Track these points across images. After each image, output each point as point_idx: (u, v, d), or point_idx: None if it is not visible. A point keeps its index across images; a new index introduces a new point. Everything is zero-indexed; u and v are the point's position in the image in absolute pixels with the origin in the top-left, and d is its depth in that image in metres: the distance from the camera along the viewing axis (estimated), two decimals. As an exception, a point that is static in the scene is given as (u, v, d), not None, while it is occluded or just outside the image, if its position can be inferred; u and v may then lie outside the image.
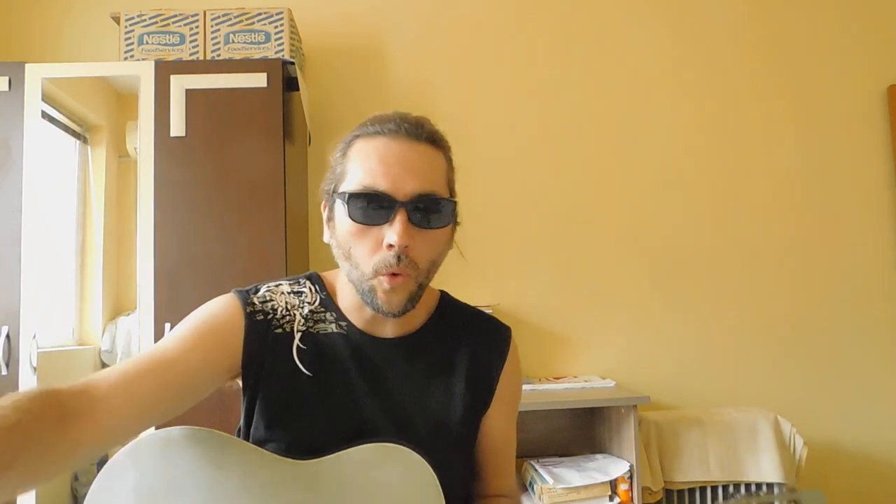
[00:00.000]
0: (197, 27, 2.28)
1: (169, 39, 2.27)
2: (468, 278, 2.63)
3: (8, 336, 2.03)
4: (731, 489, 2.31)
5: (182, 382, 0.85)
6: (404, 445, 0.88)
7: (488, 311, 2.40)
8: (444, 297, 1.08)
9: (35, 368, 2.03)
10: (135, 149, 2.19)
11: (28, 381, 2.03)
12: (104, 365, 2.24)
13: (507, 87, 2.73)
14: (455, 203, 0.93)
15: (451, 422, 0.98)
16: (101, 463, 0.86)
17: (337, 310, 0.99)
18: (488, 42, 2.75)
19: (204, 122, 2.14)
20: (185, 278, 2.08)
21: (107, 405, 0.77)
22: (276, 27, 2.28)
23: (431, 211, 0.89)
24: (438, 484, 0.88)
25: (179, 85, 2.14)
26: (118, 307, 2.29)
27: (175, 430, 0.87)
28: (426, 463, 0.89)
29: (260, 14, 2.29)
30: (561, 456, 2.34)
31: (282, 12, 2.30)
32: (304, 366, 0.94)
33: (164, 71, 2.15)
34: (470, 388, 1.01)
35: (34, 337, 2.04)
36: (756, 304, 2.71)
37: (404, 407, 0.96)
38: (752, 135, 2.78)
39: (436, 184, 0.91)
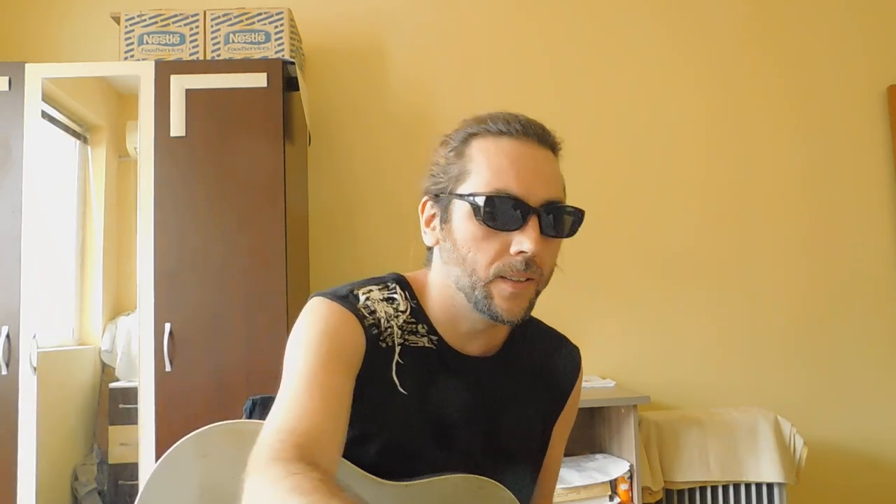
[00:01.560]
0: (197, 27, 2.27)
1: (169, 39, 2.27)
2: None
3: (8, 336, 2.03)
4: (731, 489, 2.31)
5: (345, 409, 0.81)
6: (494, 479, 0.87)
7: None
8: None
9: (35, 368, 2.03)
10: (135, 149, 2.19)
11: (28, 381, 2.03)
12: (104, 365, 2.24)
13: (506, 86, 2.73)
14: (583, 213, 0.90)
15: (530, 447, 0.98)
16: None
17: (428, 321, 0.93)
18: (488, 42, 2.75)
19: (204, 122, 2.14)
20: (185, 278, 2.07)
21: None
22: (276, 27, 2.28)
23: (560, 220, 0.87)
24: None
25: (179, 85, 2.14)
26: (118, 307, 2.29)
27: (244, 424, 0.84)
28: (515, 499, 0.88)
29: (260, 14, 2.29)
30: (561, 456, 2.35)
31: (282, 12, 2.29)
32: (398, 382, 0.89)
33: (164, 71, 2.15)
34: (548, 412, 1.01)
35: (34, 337, 2.04)
36: (756, 304, 2.71)
37: (489, 430, 0.94)
38: (752, 135, 2.78)
39: (561, 192, 0.89)
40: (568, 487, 2.09)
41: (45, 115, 2.16)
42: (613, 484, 2.13)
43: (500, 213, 0.83)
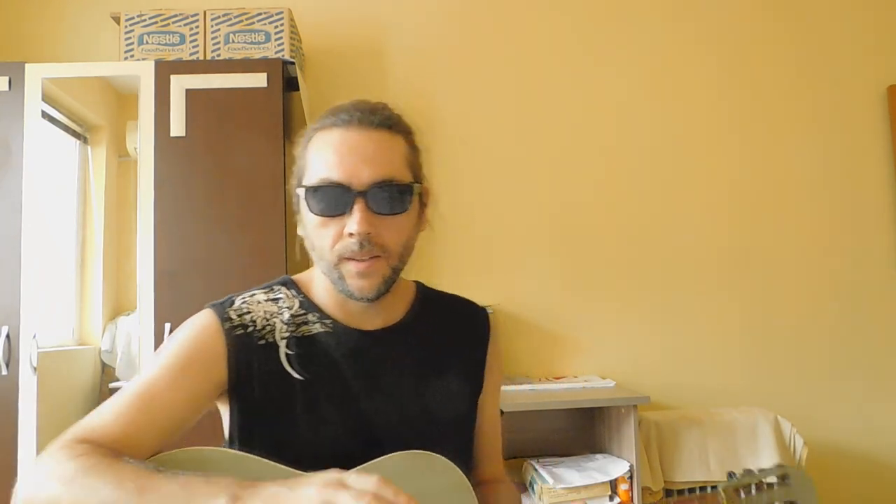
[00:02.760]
0: (197, 27, 2.28)
1: (169, 39, 2.27)
2: (468, 278, 2.63)
3: (8, 336, 2.03)
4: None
5: (173, 423, 0.87)
6: (429, 450, 0.88)
7: (489, 310, 2.42)
8: (421, 287, 1.08)
9: (35, 368, 2.03)
10: (135, 149, 2.19)
11: (28, 381, 2.03)
12: (104, 365, 2.24)
13: (506, 86, 2.73)
14: (415, 185, 0.93)
15: (455, 413, 0.99)
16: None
17: (318, 309, 0.97)
18: (488, 42, 2.75)
19: (204, 122, 2.14)
20: (185, 278, 2.07)
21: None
22: (276, 27, 2.28)
23: (390, 197, 0.90)
24: (470, 486, 0.90)
25: (179, 85, 2.14)
26: (118, 307, 2.29)
27: (180, 453, 0.84)
28: (455, 466, 0.89)
29: (260, 14, 2.29)
30: (561, 456, 2.34)
31: (282, 12, 2.30)
32: (295, 370, 0.93)
33: (164, 71, 2.15)
34: (465, 376, 1.02)
35: (34, 337, 2.04)
36: (756, 304, 2.71)
37: (407, 402, 0.96)
38: (752, 135, 2.78)
39: (394, 169, 0.91)
40: (568, 487, 2.09)
41: (45, 115, 2.16)
42: (613, 484, 2.12)
43: (325, 200, 0.89)
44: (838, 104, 2.81)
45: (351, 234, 0.88)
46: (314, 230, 0.92)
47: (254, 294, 0.98)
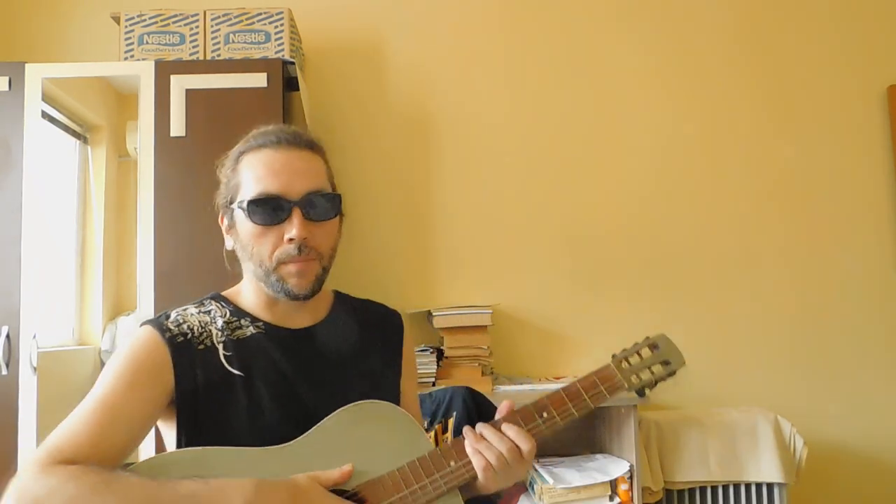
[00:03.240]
0: (197, 27, 2.28)
1: (169, 39, 2.27)
2: (468, 278, 2.63)
3: (8, 336, 2.03)
4: (731, 489, 2.31)
5: (134, 433, 0.93)
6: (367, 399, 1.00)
7: (488, 311, 2.42)
8: (338, 292, 1.20)
9: (35, 368, 2.03)
10: (135, 149, 2.19)
11: (28, 381, 2.03)
12: (104, 365, 2.24)
13: (506, 86, 2.73)
14: (340, 196, 1.06)
15: (382, 396, 1.06)
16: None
17: (248, 315, 1.07)
18: (488, 41, 2.75)
19: (204, 122, 2.14)
20: (185, 278, 2.07)
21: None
22: (276, 27, 2.28)
23: (322, 205, 1.03)
24: (413, 419, 1.01)
25: (179, 85, 2.14)
26: (118, 307, 2.29)
27: (142, 464, 0.89)
28: (396, 406, 1.03)
29: (260, 14, 2.29)
30: (561, 456, 2.34)
31: (282, 12, 2.30)
32: (235, 368, 1.00)
33: (164, 71, 2.15)
34: (385, 363, 1.15)
35: (34, 337, 2.04)
36: (756, 304, 2.71)
37: (339, 390, 1.03)
38: (752, 135, 2.78)
39: (321, 182, 1.04)
40: (568, 487, 2.09)
41: (45, 115, 2.16)
42: (613, 484, 2.12)
43: (265, 211, 1.00)
44: (838, 104, 2.81)
45: (291, 240, 0.99)
46: (253, 240, 1.02)
47: (186, 308, 1.07)
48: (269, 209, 1.00)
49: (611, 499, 2.11)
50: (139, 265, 2.09)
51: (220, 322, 1.04)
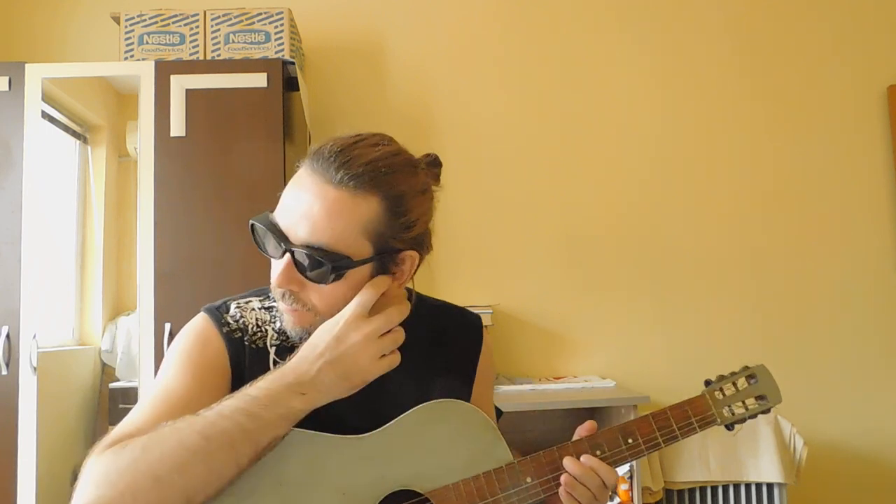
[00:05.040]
0: (197, 27, 2.28)
1: (169, 39, 2.27)
2: (468, 278, 2.63)
3: (8, 336, 2.03)
4: (731, 489, 2.31)
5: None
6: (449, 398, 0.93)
7: (488, 311, 2.42)
8: (416, 293, 1.05)
9: (35, 368, 2.03)
10: (135, 149, 2.20)
11: (28, 381, 2.03)
12: (104, 365, 2.25)
13: (506, 86, 2.73)
14: (348, 262, 0.85)
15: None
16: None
17: None
18: (489, 41, 2.75)
19: (204, 122, 2.14)
20: (185, 278, 2.07)
21: None
22: (276, 27, 2.28)
23: (313, 265, 0.84)
24: (495, 425, 0.94)
25: (179, 85, 2.14)
26: (118, 307, 2.29)
27: None
28: (477, 409, 0.94)
29: (260, 14, 2.29)
30: (561, 456, 2.34)
31: (282, 12, 2.30)
32: None
33: (164, 71, 2.15)
34: (459, 372, 1.06)
35: (34, 337, 2.04)
36: (756, 304, 2.71)
37: (411, 401, 0.94)
38: (752, 135, 2.78)
39: (334, 235, 0.84)
40: (568, 487, 2.08)
41: (45, 115, 2.16)
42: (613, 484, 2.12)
43: (262, 239, 0.89)
44: (838, 104, 2.81)
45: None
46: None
47: (249, 301, 0.99)
48: (268, 240, 0.87)
49: (611, 499, 2.11)
50: (139, 265, 2.09)
51: (278, 324, 0.95)
